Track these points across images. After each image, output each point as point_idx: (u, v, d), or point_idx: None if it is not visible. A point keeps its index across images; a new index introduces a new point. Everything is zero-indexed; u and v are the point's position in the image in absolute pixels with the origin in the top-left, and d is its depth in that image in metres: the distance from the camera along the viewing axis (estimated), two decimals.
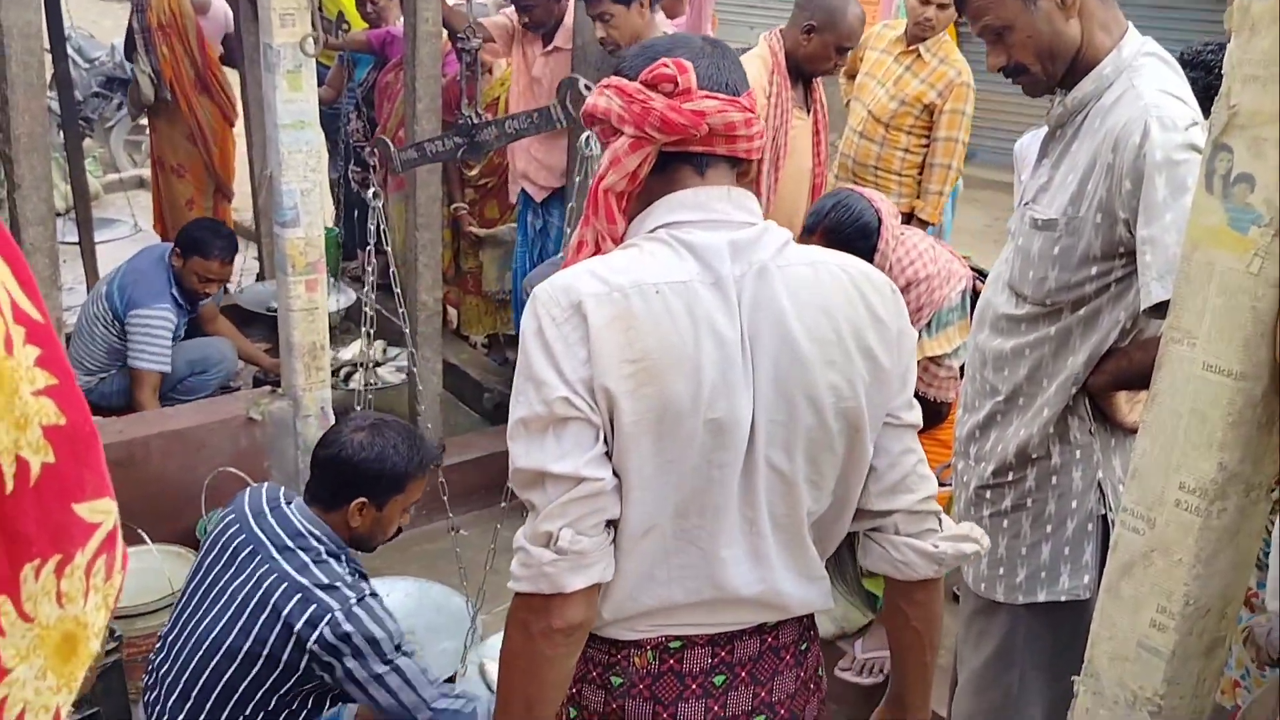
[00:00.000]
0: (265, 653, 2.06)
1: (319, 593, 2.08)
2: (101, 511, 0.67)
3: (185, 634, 2.17)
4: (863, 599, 3.00)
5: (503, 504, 2.85)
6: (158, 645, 2.24)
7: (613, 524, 1.34)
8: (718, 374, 1.29)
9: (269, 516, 2.21)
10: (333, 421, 3.46)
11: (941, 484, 2.71)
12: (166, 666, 2.17)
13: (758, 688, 1.48)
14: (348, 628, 2.05)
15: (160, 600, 2.84)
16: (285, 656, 2.06)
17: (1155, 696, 1.20)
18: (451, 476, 3.86)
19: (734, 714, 1.46)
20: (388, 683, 2.11)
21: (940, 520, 1.47)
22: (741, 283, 1.32)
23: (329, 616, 2.05)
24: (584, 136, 2.71)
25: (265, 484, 2.39)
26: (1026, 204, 1.91)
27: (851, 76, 4.53)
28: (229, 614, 2.12)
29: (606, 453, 1.30)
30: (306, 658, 2.06)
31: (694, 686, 1.44)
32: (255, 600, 2.09)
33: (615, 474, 1.31)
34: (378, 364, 4.56)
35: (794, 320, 1.32)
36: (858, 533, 1.52)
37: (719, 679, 1.46)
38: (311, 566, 2.13)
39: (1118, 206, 1.73)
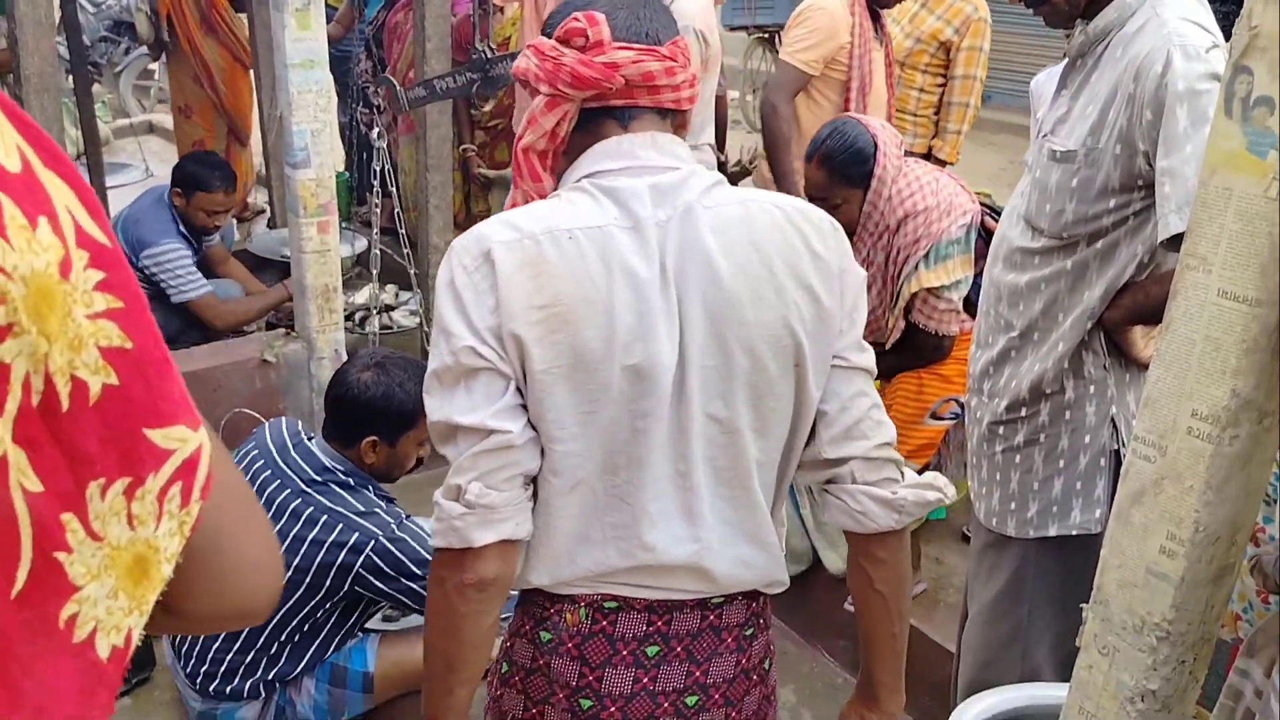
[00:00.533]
0: (307, 581, 2.13)
1: (359, 520, 2.14)
2: (177, 439, 0.67)
3: None
4: None
5: None
6: None
7: (534, 480, 1.31)
8: (634, 318, 1.25)
9: (293, 452, 2.25)
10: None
11: (939, 417, 2.73)
12: None
13: (693, 666, 1.40)
14: (395, 551, 2.11)
15: None
16: (329, 582, 2.13)
17: (1164, 622, 1.21)
18: None
19: (664, 689, 1.39)
20: (408, 599, 2.18)
21: (901, 469, 1.42)
22: (666, 227, 1.28)
23: (373, 542, 2.11)
24: None
25: (284, 419, 2.42)
26: (1045, 136, 1.88)
27: None
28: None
29: (521, 405, 1.27)
30: (351, 579, 2.13)
31: (625, 653, 1.38)
32: (294, 531, 2.13)
33: (533, 426, 1.28)
34: (390, 308, 4.57)
35: (721, 258, 1.28)
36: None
37: (652, 649, 1.39)
38: (346, 495, 2.18)
39: (1138, 137, 1.71)
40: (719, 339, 1.29)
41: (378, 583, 2.13)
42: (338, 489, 2.20)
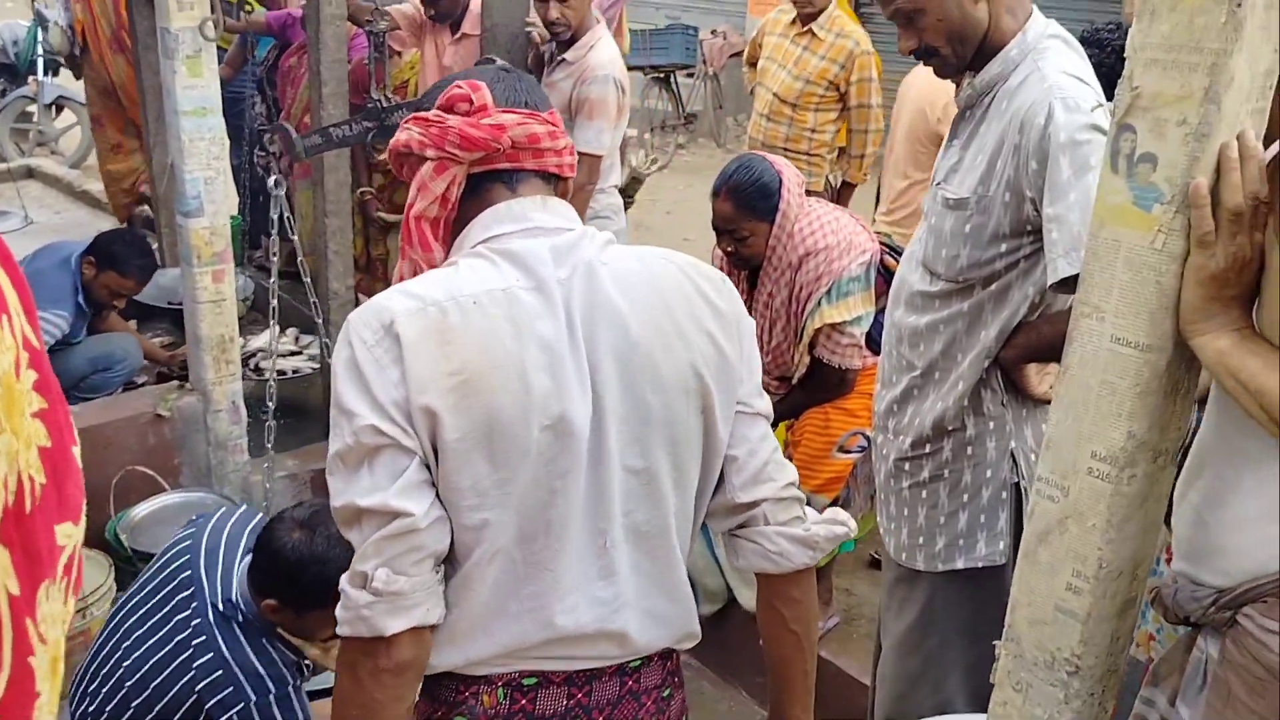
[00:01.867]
0: (177, 716, 1.98)
1: (239, 676, 1.97)
2: (66, 534, 0.67)
3: (117, 658, 2.07)
4: None
5: None
6: (90, 653, 2.15)
7: (445, 561, 1.28)
8: (547, 378, 1.25)
9: (219, 564, 2.11)
10: (243, 415, 3.38)
11: (846, 450, 2.79)
12: (99, 682, 2.08)
13: None
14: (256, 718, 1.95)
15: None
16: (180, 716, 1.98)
17: (1073, 657, 1.25)
18: None
19: None
20: None
21: (804, 507, 1.44)
22: (569, 284, 1.29)
23: (241, 705, 1.94)
24: None
25: (243, 511, 2.28)
26: (938, 184, 1.95)
27: (753, 64, 4.61)
28: (155, 658, 2.02)
29: (428, 481, 1.24)
30: None
31: None
32: (182, 656, 2.00)
33: (441, 504, 1.25)
34: (294, 353, 4.46)
35: (629, 313, 1.30)
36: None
37: None
38: (242, 642, 2.01)
39: (1024, 185, 1.79)
40: (633, 390, 1.30)
41: None
42: (237, 630, 2.01)
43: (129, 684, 2.03)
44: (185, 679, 1.97)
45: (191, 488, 3.41)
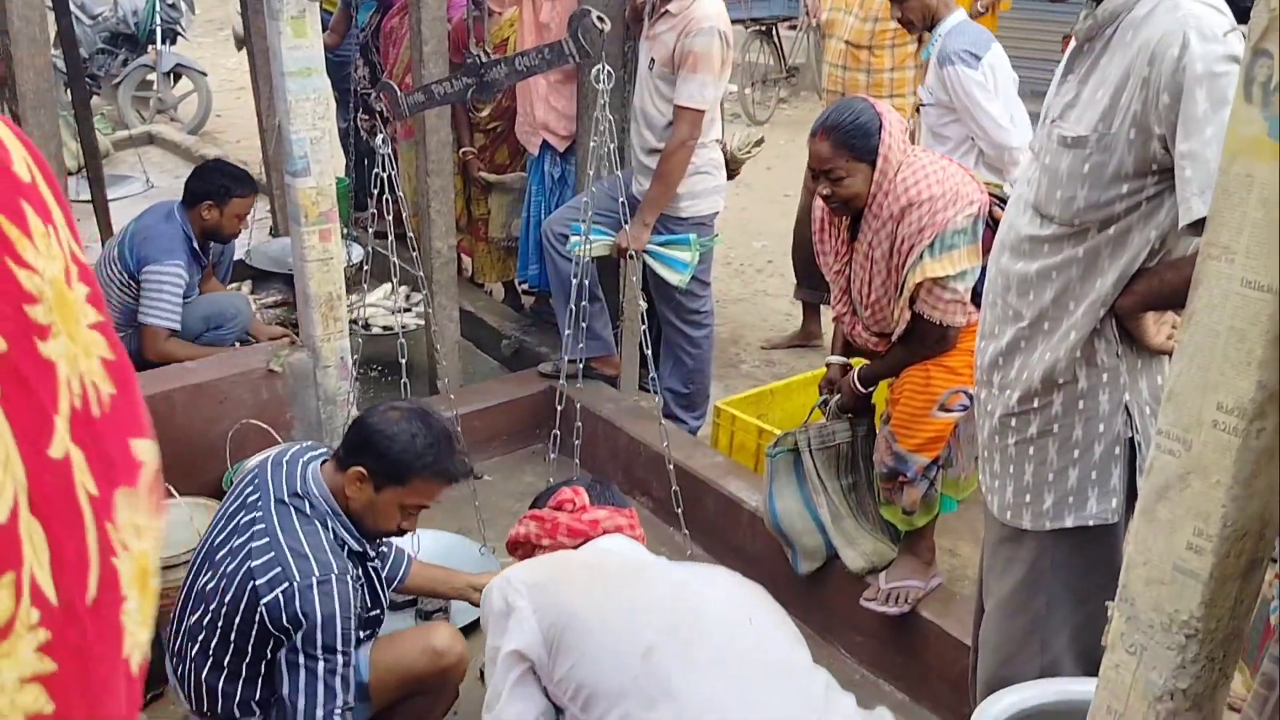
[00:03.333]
0: (241, 605, 2.07)
1: (288, 557, 2.04)
2: (148, 451, 0.69)
3: (200, 583, 2.18)
4: (887, 533, 3.00)
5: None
6: (181, 595, 2.26)
7: None
8: None
9: (284, 468, 2.21)
10: (351, 371, 3.46)
11: (948, 409, 2.71)
12: (187, 617, 2.19)
13: None
14: (295, 603, 2.00)
15: (189, 552, 2.87)
16: (244, 608, 2.05)
17: (1192, 619, 1.19)
18: (473, 423, 3.88)
19: None
20: (298, 674, 2.04)
21: None
22: None
23: (285, 585, 2.01)
24: (594, 70, 2.67)
25: (309, 442, 2.41)
26: (1053, 122, 1.86)
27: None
28: (225, 566, 2.11)
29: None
30: (259, 615, 2.04)
31: None
32: (244, 551, 2.09)
33: None
34: (406, 310, 4.57)
35: None
36: (876, 470, 1.57)
37: None
38: (297, 527, 2.08)
39: (1153, 122, 1.69)
40: None
41: (271, 623, 2.02)
42: (294, 516, 2.11)
43: (207, 592, 2.13)
44: (244, 566, 2.06)
45: (303, 441, 3.52)
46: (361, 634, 2.25)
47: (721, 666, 1.66)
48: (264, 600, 2.02)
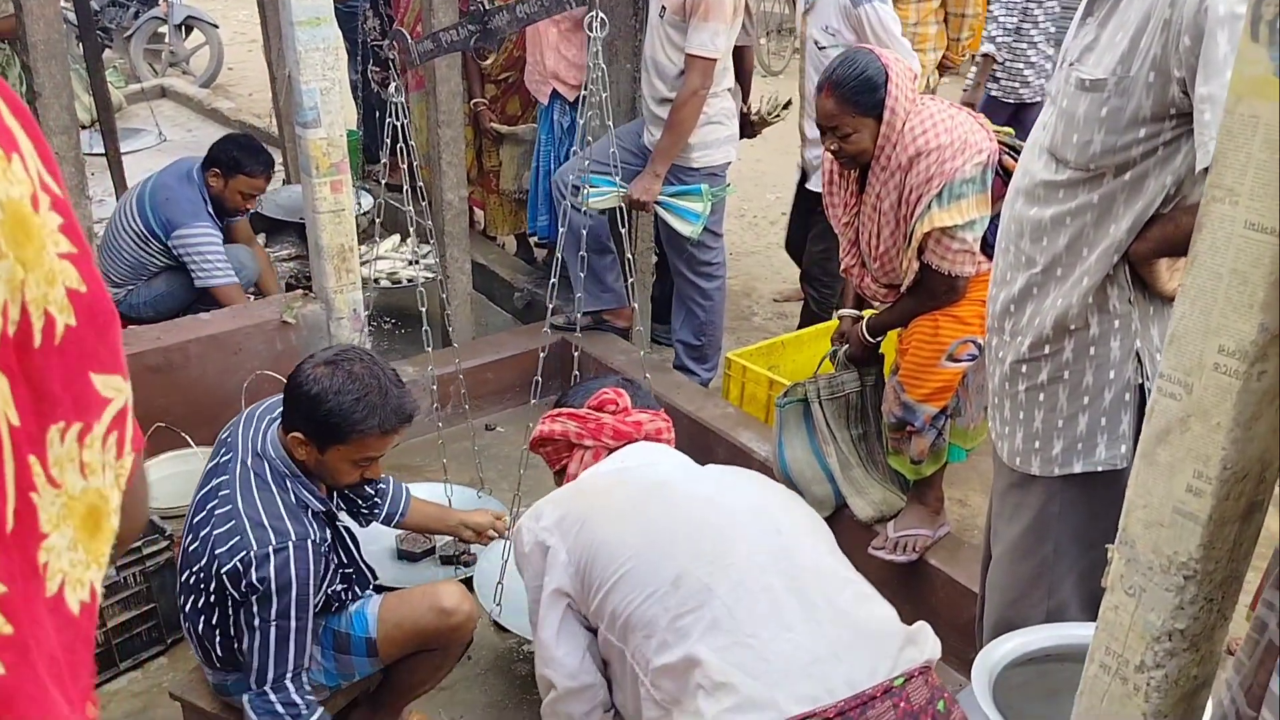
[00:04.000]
0: (211, 571, 2.08)
1: (246, 525, 2.03)
2: (114, 388, 0.67)
3: (185, 543, 2.19)
4: (896, 482, 3.01)
5: (533, 400, 2.88)
6: (179, 551, 2.27)
7: None
8: None
9: (253, 425, 2.20)
10: (364, 322, 3.48)
11: (956, 359, 2.70)
12: (180, 574, 2.21)
13: None
14: (252, 570, 2.00)
15: None
16: (212, 574, 2.07)
17: (1191, 561, 1.20)
18: (485, 375, 3.90)
19: None
20: (254, 635, 2.04)
21: None
22: None
23: (243, 553, 2.00)
24: (586, 18, 2.64)
25: (271, 401, 2.36)
26: (1070, 65, 1.83)
27: None
28: (203, 530, 2.11)
29: None
30: (215, 581, 2.05)
31: None
32: (213, 516, 2.09)
33: None
34: (412, 262, 4.57)
35: None
36: (885, 419, 1.56)
37: None
38: (255, 495, 2.07)
39: (1173, 65, 1.67)
40: None
41: (230, 586, 2.02)
42: (256, 479, 2.09)
43: (190, 554, 2.14)
44: (210, 533, 2.06)
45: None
46: (342, 591, 2.25)
47: (749, 586, 1.64)
48: (225, 569, 2.02)
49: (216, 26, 8.60)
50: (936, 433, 2.75)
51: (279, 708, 2.06)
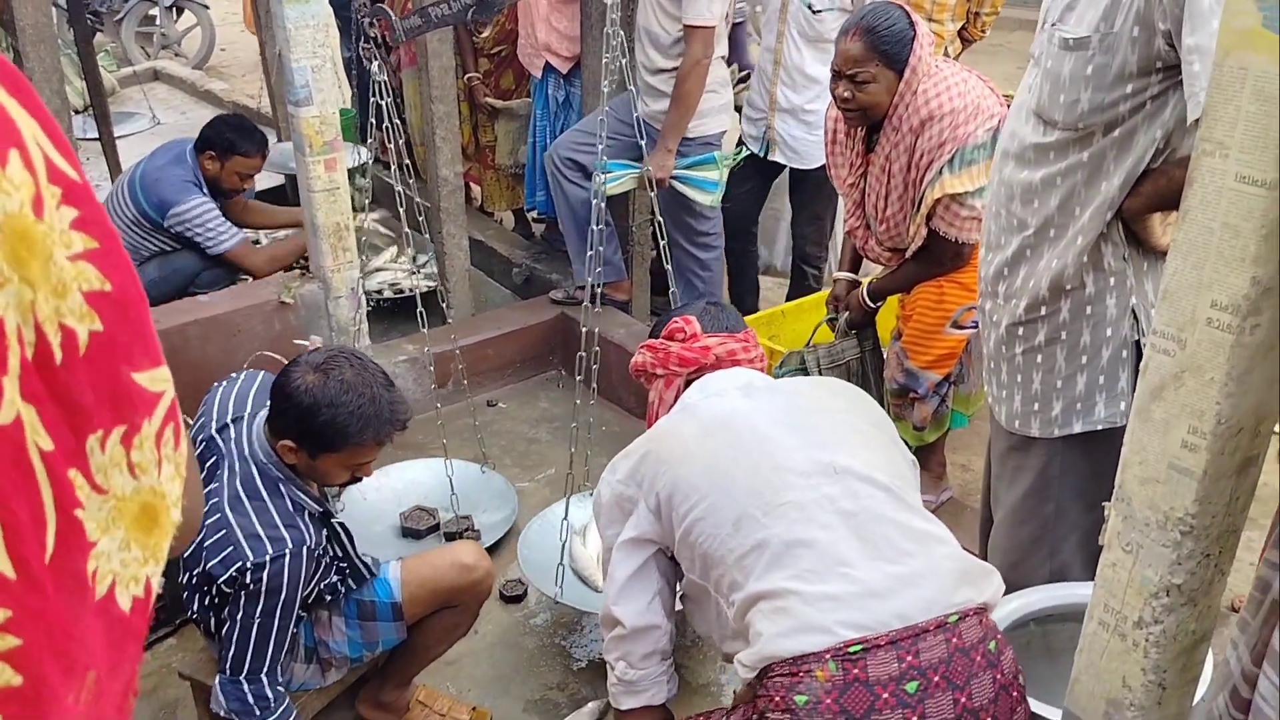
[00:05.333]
0: (206, 581, 2.09)
1: (240, 536, 2.02)
2: (162, 380, 0.66)
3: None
4: None
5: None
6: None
7: None
8: None
9: (231, 429, 2.17)
10: (362, 301, 3.48)
11: (961, 326, 2.70)
12: (181, 575, 2.20)
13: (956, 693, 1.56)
14: (246, 578, 2.01)
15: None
16: (207, 583, 2.08)
17: (1187, 516, 1.20)
18: (486, 351, 3.90)
19: None
20: (234, 629, 2.05)
21: None
22: None
23: (239, 564, 2.00)
24: None
25: (244, 374, 2.33)
26: (1053, 25, 1.82)
27: None
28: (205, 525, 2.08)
29: None
30: (215, 586, 2.06)
31: (886, 696, 1.53)
32: (205, 525, 2.05)
33: None
34: (414, 272, 4.50)
35: None
36: (887, 386, 1.55)
37: (912, 685, 1.54)
38: (246, 503, 2.05)
39: (1157, 17, 1.66)
40: None
41: (227, 590, 2.03)
42: (242, 489, 2.06)
43: (186, 559, 2.13)
44: (199, 540, 2.04)
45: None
46: (338, 583, 2.26)
47: (806, 525, 1.66)
48: (220, 579, 2.03)
49: (207, 8, 8.55)
50: (940, 399, 2.75)
51: (249, 698, 2.07)
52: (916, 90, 2.50)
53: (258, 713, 2.08)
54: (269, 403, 2.11)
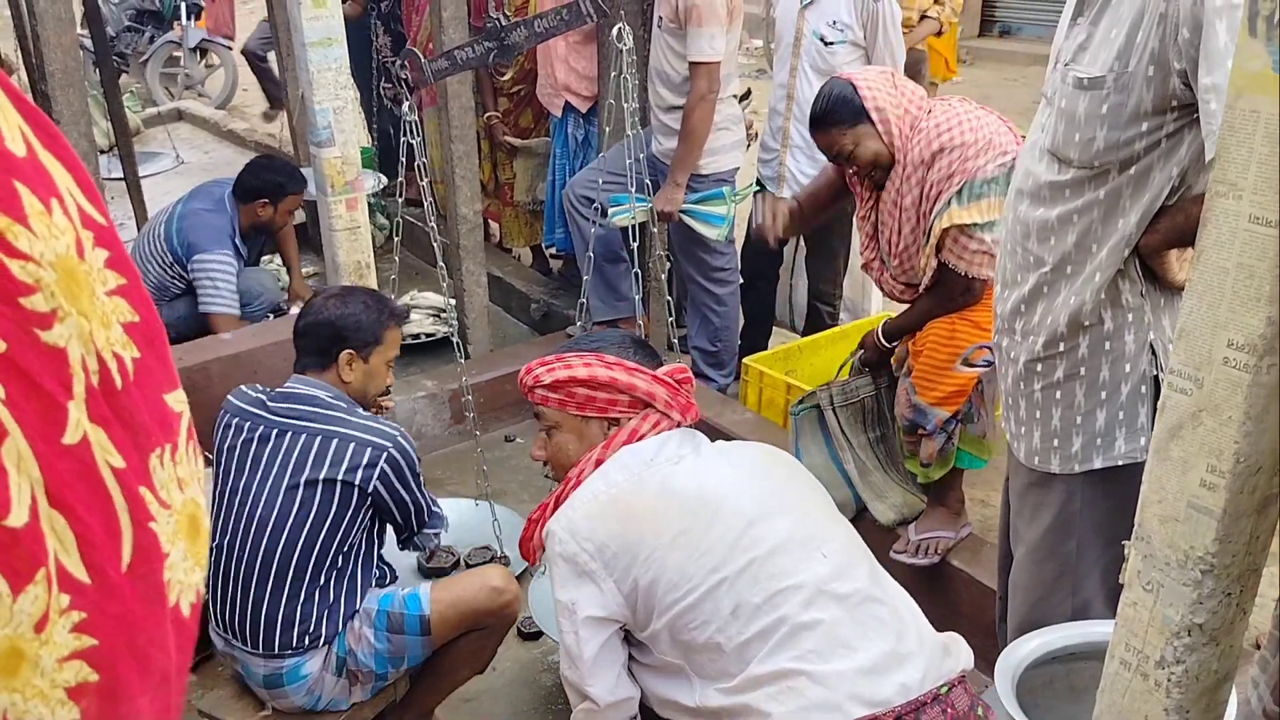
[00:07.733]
0: (331, 511, 2.23)
1: (365, 436, 2.27)
2: (181, 401, 0.72)
3: (238, 535, 2.26)
4: (916, 484, 3.01)
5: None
6: (210, 560, 2.32)
7: None
8: None
9: (272, 404, 2.35)
10: None
11: (971, 364, 2.70)
12: (225, 570, 2.28)
13: None
14: (400, 460, 2.28)
15: None
16: (352, 502, 2.25)
17: (1207, 555, 1.20)
18: (504, 386, 3.92)
19: None
20: (411, 508, 2.37)
21: None
22: None
23: (385, 454, 2.26)
24: (615, 29, 2.67)
25: (242, 386, 2.54)
26: (1066, 65, 1.84)
27: None
28: (283, 493, 2.24)
29: None
30: (359, 494, 2.25)
31: None
32: (307, 469, 2.24)
33: None
34: (439, 314, 4.52)
35: None
36: (898, 423, 1.60)
37: None
38: (346, 418, 2.31)
39: (1173, 57, 1.67)
40: None
41: (381, 489, 2.28)
42: (330, 414, 2.32)
43: (275, 513, 2.29)
44: (326, 472, 2.28)
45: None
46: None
47: (806, 610, 1.71)
48: (374, 478, 2.27)
49: (230, 49, 8.70)
50: (946, 437, 2.74)
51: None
52: (922, 126, 2.54)
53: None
54: (307, 345, 2.45)
